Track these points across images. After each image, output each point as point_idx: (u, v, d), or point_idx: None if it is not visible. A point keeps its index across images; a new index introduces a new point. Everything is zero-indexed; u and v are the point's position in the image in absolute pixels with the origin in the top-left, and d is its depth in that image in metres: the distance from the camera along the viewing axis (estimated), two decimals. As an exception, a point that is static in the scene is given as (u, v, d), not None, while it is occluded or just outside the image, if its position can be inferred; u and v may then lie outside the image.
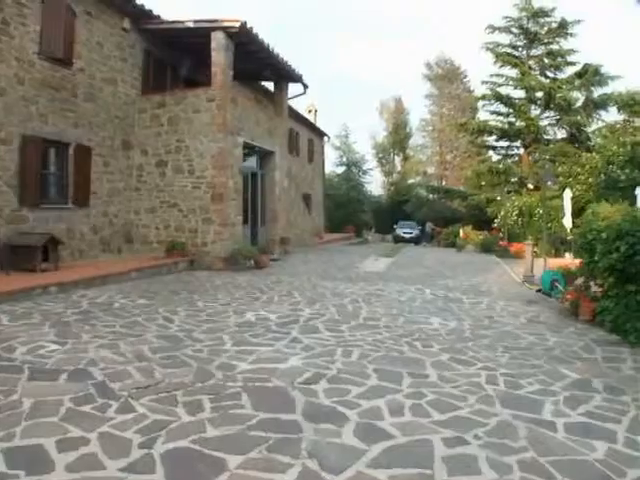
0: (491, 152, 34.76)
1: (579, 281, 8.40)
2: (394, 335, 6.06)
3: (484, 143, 34.00)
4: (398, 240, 33.06)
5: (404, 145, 54.61)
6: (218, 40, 11.65)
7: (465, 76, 47.46)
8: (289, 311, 7.29)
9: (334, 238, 28.73)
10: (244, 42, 12.26)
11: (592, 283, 7.84)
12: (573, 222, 19.39)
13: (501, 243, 19.29)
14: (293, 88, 16.54)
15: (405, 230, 34.21)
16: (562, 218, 19.57)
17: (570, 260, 11.79)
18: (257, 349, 5.20)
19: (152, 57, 12.83)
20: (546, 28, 29.71)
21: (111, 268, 9.72)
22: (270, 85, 17.14)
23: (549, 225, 21.38)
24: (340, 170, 44.68)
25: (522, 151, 30.45)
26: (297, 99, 17.27)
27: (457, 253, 21.30)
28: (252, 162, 14.90)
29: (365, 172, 46.11)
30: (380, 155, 54.68)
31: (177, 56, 13.68)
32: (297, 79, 15.68)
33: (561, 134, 29.31)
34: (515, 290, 10.59)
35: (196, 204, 12.24)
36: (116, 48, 11.66)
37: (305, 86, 16.28)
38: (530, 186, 23.19)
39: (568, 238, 19.46)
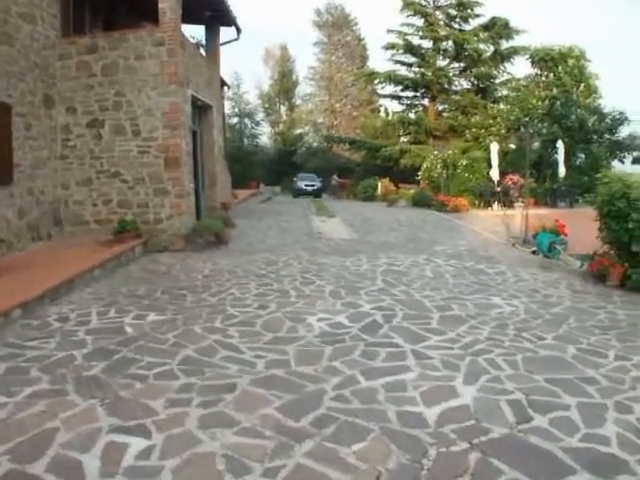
0: (388, 101, 34.53)
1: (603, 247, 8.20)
2: (494, 328, 5.39)
3: (374, 92, 33.43)
4: (299, 193, 32.03)
5: (290, 94, 53.06)
6: (166, -31, 9.28)
7: (355, 23, 46.45)
8: (346, 307, 6.04)
9: (245, 196, 26.94)
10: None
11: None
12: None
13: (439, 197, 19.02)
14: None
15: (307, 183, 33.28)
16: (490, 170, 19.96)
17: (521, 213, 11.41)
18: (398, 379, 4.01)
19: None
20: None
21: (66, 267, 7.48)
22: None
23: (470, 177, 21.68)
24: (233, 122, 42.08)
25: (426, 102, 30.53)
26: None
27: (391, 208, 20.75)
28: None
29: (258, 123, 44.03)
30: (266, 105, 52.61)
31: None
32: (232, 22, 13.54)
33: (466, 85, 29.77)
34: (514, 254, 10.16)
35: (144, 172, 10.04)
36: (28, -27, 8.80)
37: (239, 30, 14.17)
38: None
39: (497, 189, 19.91)
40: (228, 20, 13.37)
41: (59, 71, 9.68)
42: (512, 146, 17.29)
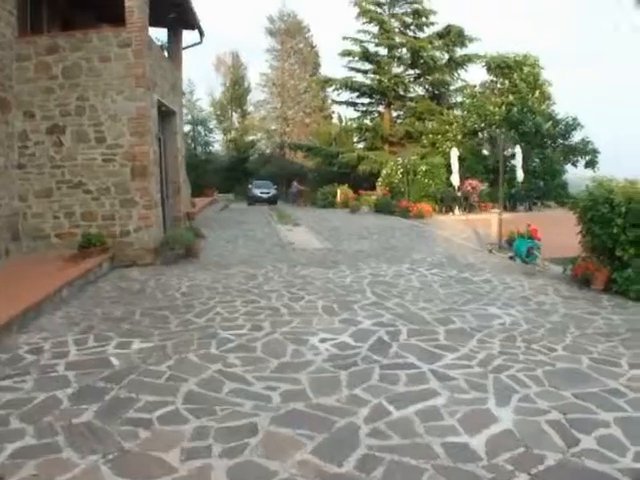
0: (342, 108, 34.70)
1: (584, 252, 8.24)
2: (503, 341, 5.23)
3: (327, 99, 33.34)
4: (254, 200, 31.59)
5: (243, 101, 52.55)
6: (132, -35, 8.74)
7: (308, 30, 46.45)
8: (346, 325, 5.74)
9: (203, 205, 26.21)
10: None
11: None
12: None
13: (403, 203, 19.00)
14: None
15: (262, 190, 32.84)
16: (450, 176, 20.15)
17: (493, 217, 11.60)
18: (429, 405, 3.74)
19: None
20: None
21: (31, 287, 6.86)
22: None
23: (430, 182, 21.85)
24: (186, 129, 41.13)
25: (382, 108, 30.71)
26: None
27: (355, 215, 20.56)
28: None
29: (211, 131, 43.18)
30: (218, 112, 51.86)
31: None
32: (196, 25, 13.05)
33: (422, 91, 30.14)
34: (493, 260, 10.15)
35: (110, 182, 9.42)
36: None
37: (202, 34, 13.67)
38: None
39: (458, 195, 20.15)
40: (192, 23, 12.88)
41: (16, 73, 8.93)
42: (485, 152, 17.51)
